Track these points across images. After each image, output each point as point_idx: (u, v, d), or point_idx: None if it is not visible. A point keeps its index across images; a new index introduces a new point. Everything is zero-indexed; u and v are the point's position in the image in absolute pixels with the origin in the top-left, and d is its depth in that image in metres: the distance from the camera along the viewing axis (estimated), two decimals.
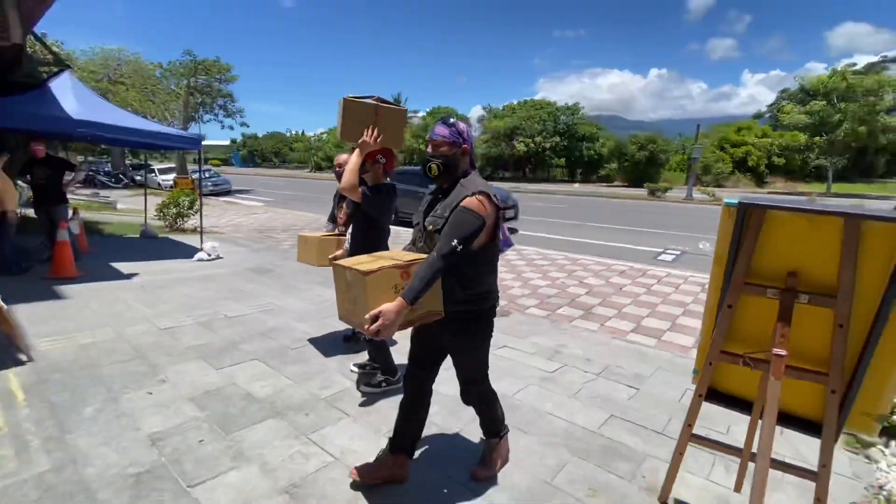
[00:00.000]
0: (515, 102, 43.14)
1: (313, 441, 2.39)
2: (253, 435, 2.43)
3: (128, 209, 13.36)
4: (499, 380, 3.12)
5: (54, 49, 12.04)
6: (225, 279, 5.60)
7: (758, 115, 43.37)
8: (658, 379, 3.22)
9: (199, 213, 8.07)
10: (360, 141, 2.53)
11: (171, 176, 19.99)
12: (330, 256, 3.08)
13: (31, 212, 6.94)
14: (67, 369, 3.08)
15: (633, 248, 8.74)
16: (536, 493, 2.06)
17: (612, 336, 4.04)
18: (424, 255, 1.82)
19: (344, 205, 3.27)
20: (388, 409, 2.72)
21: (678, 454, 1.90)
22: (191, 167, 22.27)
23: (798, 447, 2.41)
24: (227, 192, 20.71)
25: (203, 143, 7.52)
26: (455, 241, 1.67)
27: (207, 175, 20.72)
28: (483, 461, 2.19)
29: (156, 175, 21.22)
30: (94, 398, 2.73)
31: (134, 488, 2.00)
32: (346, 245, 3.15)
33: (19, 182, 6.94)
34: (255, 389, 2.91)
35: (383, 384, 2.91)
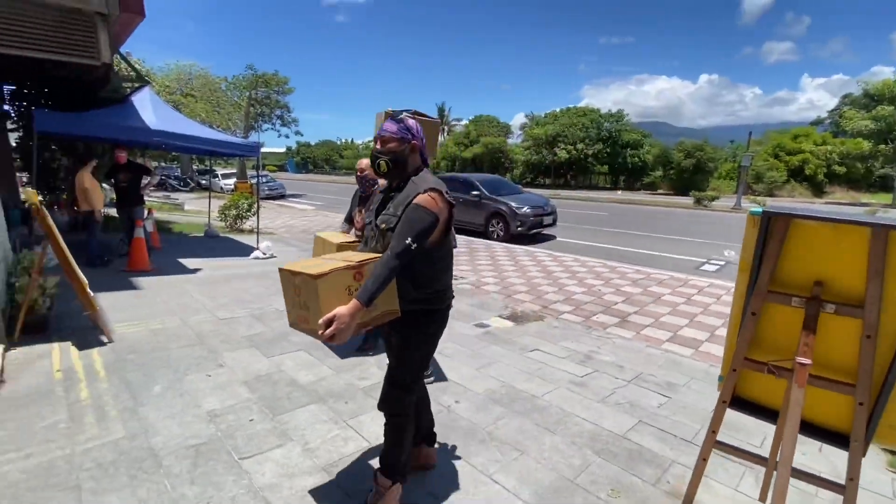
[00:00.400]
0: (558, 110, 42.62)
1: (351, 426, 2.58)
2: (297, 417, 2.66)
3: (193, 210, 14.48)
4: (528, 381, 3.21)
5: (136, 67, 13.29)
6: (277, 276, 6.00)
7: (817, 122, 40.31)
8: (691, 389, 3.17)
9: (256, 215, 8.66)
10: None
11: (232, 180, 21.42)
12: None
13: (111, 211, 7.75)
14: (141, 351, 3.48)
15: (675, 258, 8.45)
16: (560, 490, 2.13)
17: (647, 344, 3.99)
18: (377, 255, 1.79)
19: (363, 209, 3.41)
20: None
21: (702, 460, 1.91)
22: (249, 172, 23.73)
23: (835, 463, 2.32)
24: (282, 196, 21.92)
25: (261, 150, 8.09)
26: (409, 239, 1.63)
27: (264, 180, 22.04)
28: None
29: (219, 179, 22.83)
30: (162, 377, 3.08)
31: (193, 457, 2.27)
32: None
33: (103, 185, 7.77)
34: (300, 377, 3.16)
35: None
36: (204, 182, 24.00)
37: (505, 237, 9.85)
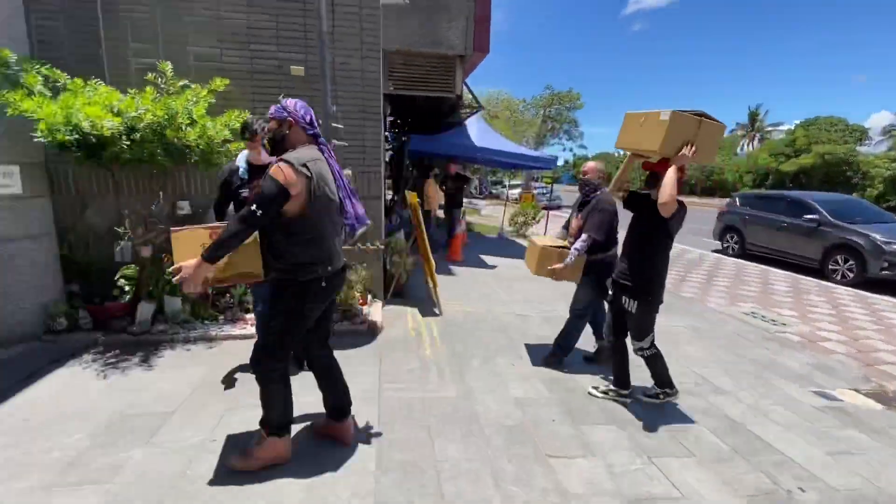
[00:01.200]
0: None
1: (656, 465, 2.36)
2: (596, 434, 2.62)
3: (487, 214, 16.88)
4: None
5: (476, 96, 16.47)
6: (563, 283, 6.23)
7: None
8: None
9: (545, 224, 9.27)
10: (679, 155, 2.44)
11: (518, 190, 23.90)
12: (549, 268, 3.22)
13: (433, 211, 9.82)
14: (459, 326, 4.22)
15: None
16: None
17: None
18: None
19: (580, 214, 3.33)
20: (744, 466, 2.36)
21: None
22: (532, 184, 25.91)
23: None
24: (558, 207, 22.94)
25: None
26: (254, 205, 1.77)
27: (545, 191, 23.58)
28: (245, 450, 2.14)
29: (507, 189, 25.90)
30: (476, 355, 3.63)
31: (507, 436, 2.54)
32: (570, 258, 3.15)
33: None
34: (592, 391, 3.12)
35: (660, 396, 2.96)
36: (494, 191, 27.65)
37: (855, 279, 7.18)
